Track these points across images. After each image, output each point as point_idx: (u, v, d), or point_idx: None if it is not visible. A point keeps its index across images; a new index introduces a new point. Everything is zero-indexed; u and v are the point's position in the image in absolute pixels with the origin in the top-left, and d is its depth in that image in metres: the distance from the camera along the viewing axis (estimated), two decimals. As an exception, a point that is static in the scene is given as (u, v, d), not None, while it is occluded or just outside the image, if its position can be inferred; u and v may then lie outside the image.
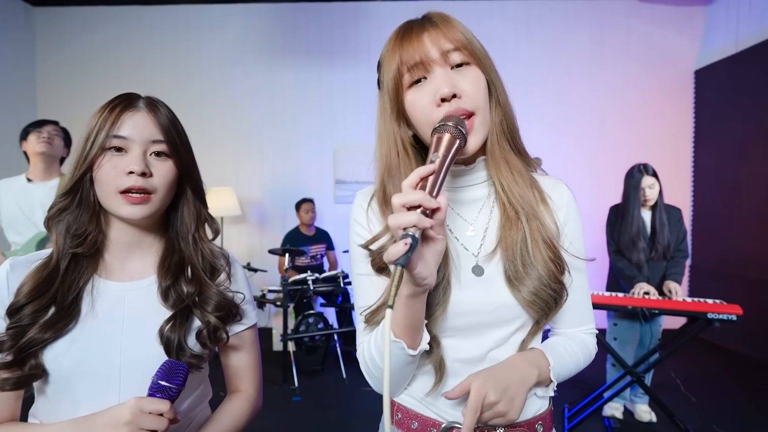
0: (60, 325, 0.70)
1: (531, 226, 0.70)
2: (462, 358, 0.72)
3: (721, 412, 2.85)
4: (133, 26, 4.93)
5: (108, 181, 0.73)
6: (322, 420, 2.82)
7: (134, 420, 0.64)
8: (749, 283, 3.95)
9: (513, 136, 0.73)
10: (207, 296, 0.80)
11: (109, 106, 0.76)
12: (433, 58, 0.67)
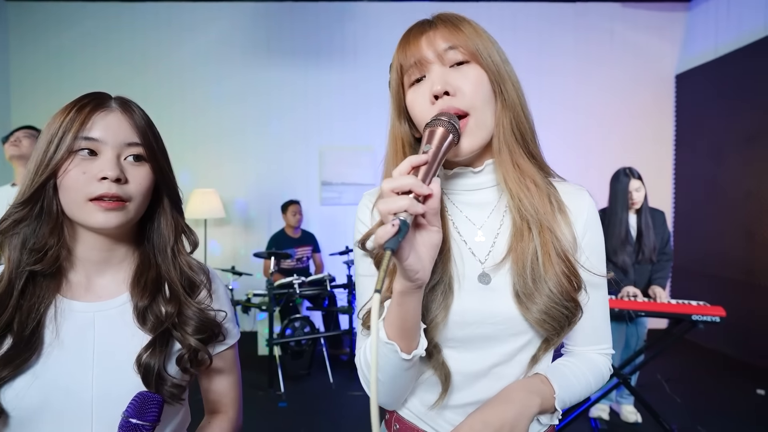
0: (19, 361, 0.62)
1: (543, 238, 0.66)
2: (464, 371, 0.68)
3: (704, 411, 2.89)
4: (112, 23, 4.80)
5: (77, 188, 0.65)
6: (309, 426, 2.77)
7: None
8: (729, 283, 4.03)
9: (525, 139, 0.69)
10: (187, 316, 0.72)
11: (76, 105, 0.68)
12: (429, 58, 0.66)
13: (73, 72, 4.78)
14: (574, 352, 0.75)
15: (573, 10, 4.77)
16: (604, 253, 0.74)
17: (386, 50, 4.71)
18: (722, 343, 4.12)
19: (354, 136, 4.88)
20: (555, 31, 4.78)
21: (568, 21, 4.78)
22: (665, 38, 4.78)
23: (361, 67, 4.83)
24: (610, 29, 4.79)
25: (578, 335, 0.73)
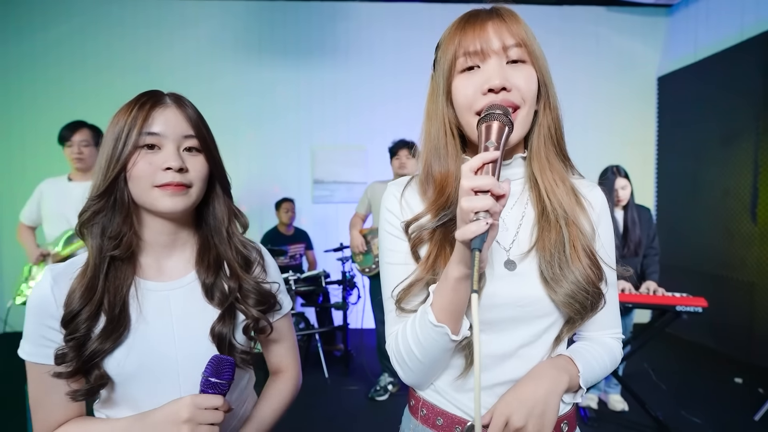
0: (116, 335, 0.71)
1: (570, 231, 0.70)
2: (492, 353, 0.72)
3: (687, 399, 3.02)
4: (101, 20, 4.75)
5: (145, 178, 0.72)
6: (305, 420, 2.81)
7: (192, 417, 0.67)
8: (708, 278, 4.20)
9: (560, 140, 0.75)
10: (246, 290, 0.81)
11: (136, 104, 0.75)
12: (494, 49, 0.67)
13: (59, 70, 4.72)
14: (589, 338, 0.80)
15: (559, 13, 4.91)
16: (614, 246, 0.79)
17: (378, 49, 4.84)
18: (703, 335, 4.28)
19: (346, 135, 4.93)
20: (540, 33, 4.73)
21: (553, 24, 4.90)
22: (648, 42, 4.95)
23: (354, 67, 4.88)
24: (595, 33, 4.94)
25: (594, 321, 0.78)
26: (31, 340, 0.72)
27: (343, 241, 3.93)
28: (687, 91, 4.54)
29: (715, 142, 4.17)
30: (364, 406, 3.03)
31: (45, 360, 0.71)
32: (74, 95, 4.67)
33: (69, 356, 0.69)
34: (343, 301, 3.62)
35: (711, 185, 4.22)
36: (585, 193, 0.76)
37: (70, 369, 0.69)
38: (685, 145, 4.55)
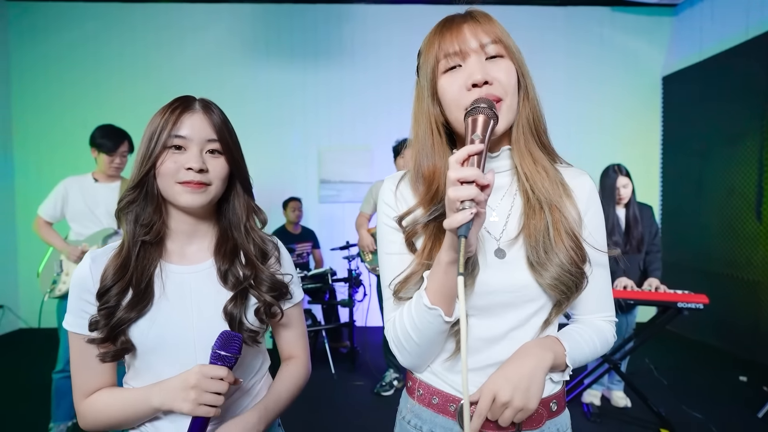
0: (140, 307, 0.80)
1: (554, 216, 0.74)
2: (483, 336, 0.76)
3: (691, 397, 3.04)
4: (112, 24, 4.87)
5: (169, 175, 0.81)
6: (313, 413, 2.87)
7: (199, 384, 0.75)
8: (713, 276, 4.20)
9: (539, 130, 0.78)
10: (261, 279, 0.89)
11: (169, 108, 0.84)
12: (472, 48, 0.72)
13: (73, 72, 4.84)
14: (581, 320, 0.83)
15: (563, 14, 4.93)
16: (605, 232, 0.83)
17: (384, 51, 4.91)
18: (707, 334, 4.29)
19: (352, 136, 4.99)
20: (546, 34, 4.94)
21: (558, 24, 4.94)
22: (652, 42, 4.96)
23: (360, 68, 4.95)
24: (600, 33, 4.96)
25: (585, 304, 0.82)
26: (72, 312, 0.83)
27: (350, 240, 3.99)
28: (692, 91, 4.55)
29: (720, 141, 4.18)
30: (370, 400, 3.09)
31: (83, 330, 0.81)
32: (88, 97, 4.79)
33: (100, 323, 0.79)
34: (350, 298, 3.68)
35: (716, 184, 4.22)
36: (571, 181, 0.80)
37: (101, 335, 0.79)
38: (690, 144, 4.56)
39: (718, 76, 4.22)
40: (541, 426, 0.76)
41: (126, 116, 4.78)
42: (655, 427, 2.61)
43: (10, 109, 4.85)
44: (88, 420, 0.84)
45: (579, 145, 4.96)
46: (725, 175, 4.11)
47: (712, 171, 4.28)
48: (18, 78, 4.85)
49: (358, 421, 2.79)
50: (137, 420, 0.83)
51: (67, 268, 2.47)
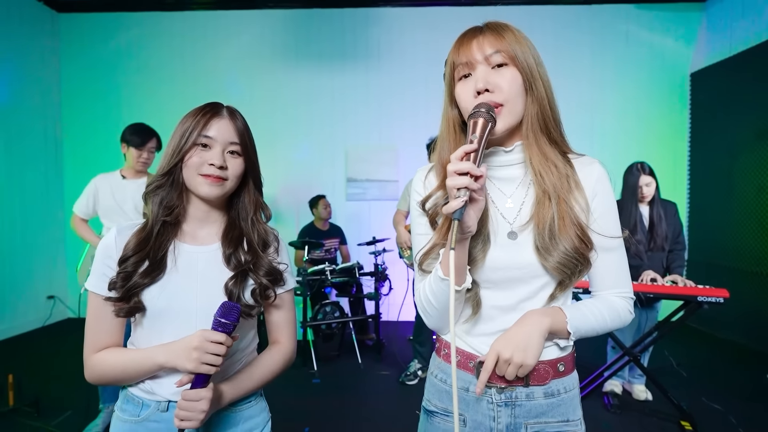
0: (153, 275, 0.93)
1: (560, 208, 0.83)
2: (497, 305, 0.88)
3: (714, 393, 3.06)
4: (152, 32, 5.17)
5: (194, 168, 0.94)
6: (340, 400, 3.03)
7: (200, 346, 0.86)
8: (741, 274, 4.16)
9: (548, 127, 0.86)
10: (260, 264, 1.00)
11: (201, 111, 0.97)
12: (477, 59, 0.82)
13: (117, 76, 5.16)
14: (597, 296, 0.91)
15: (588, 12, 4.95)
16: (617, 217, 0.89)
17: (409, 53, 5.08)
18: (737, 332, 4.25)
19: (378, 135, 5.14)
20: (570, 32, 4.96)
21: (583, 23, 4.95)
22: (680, 37, 4.91)
23: (385, 69, 5.10)
24: (625, 30, 4.95)
25: (600, 281, 0.90)
26: (94, 274, 0.95)
27: (376, 236, 4.14)
28: (721, 87, 4.50)
29: (749, 137, 4.13)
30: (395, 389, 3.22)
31: (102, 291, 0.93)
32: (130, 99, 5.10)
33: (118, 284, 0.91)
34: (376, 292, 3.82)
35: (745, 181, 4.18)
36: (582, 170, 0.88)
37: (117, 295, 0.91)
38: (719, 141, 4.51)
39: (748, 71, 4.16)
40: (547, 383, 0.87)
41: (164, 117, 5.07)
42: (675, 419, 2.66)
43: (60, 111, 5.22)
44: (94, 372, 0.95)
45: (606, 142, 4.97)
46: (755, 172, 4.06)
47: (741, 168, 4.23)
48: (67, 82, 5.21)
49: (384, 407, 2.93)
50: (140, 376, 0.93)
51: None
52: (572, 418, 0.90)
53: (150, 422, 0.94)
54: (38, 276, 4.93)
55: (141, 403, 0.95)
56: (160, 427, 0.94)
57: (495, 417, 0.88)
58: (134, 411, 0.95)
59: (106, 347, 0.96)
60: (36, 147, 4.94)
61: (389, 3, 5.04)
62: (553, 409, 0.88)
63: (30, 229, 4.82)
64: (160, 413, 0.94)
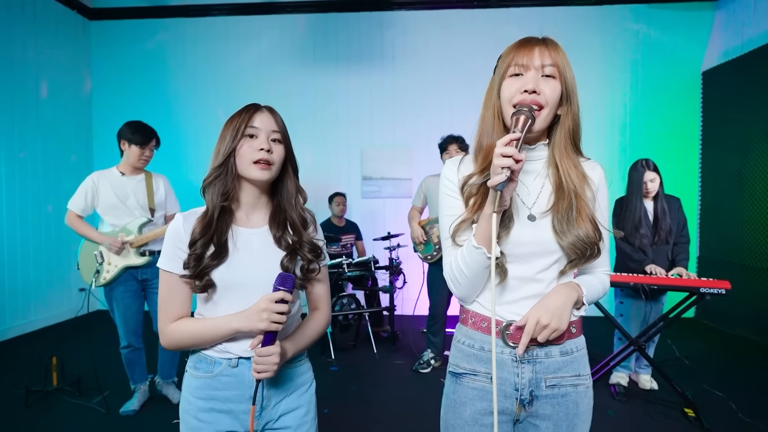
0: (220, 257, 1.08)
1: (578, 201, 1.00)
2: (519, 276, 1.03)
3: (716, 380, 3.14)
4: (178, 37, 5.42)
5: (246, 155, 1.08)
6: (358, 385, 3.20)
7: (267, 308, 1.01)
8: (755, 272, 4.21)
9: (575, 137, 1.05)
10: (303, 242, 1.15)
11: (245, 111, 1.12)
12: (535, 65, 0.97)
13: (144, 80, 5.42)
14: (588, 272, 1.11)
15: (599, 12, 5.03)
16: (608, 213, 1.08)
17: (422, 55, 5.30)
18: (745, 328, 4.30)
19: (393, 135, 5.31)
20: (582, 32, 5.05)
21: (594, 23, 5.04)
22: (691, 36, 4.96)
23: (399, 71, 5.25)
24: (637, 29, 5.02)
25: (595, 262, 1.07)
26: (167, 256, 1.10)
27: (391, 231, 4.30)
28: (732, 85, 4.54)
29: (760, 136, 4.17)
30: (409, 377, 3.38)
31: (174, 269, 1.08)
32: (157, 101, 5.35)
33: (191, 265, 1.06)
34: (390, 285, 3.98)
35: (756, 179, 4.22)
36: (588, 171, 1.06)
37: (191, 274, 1.06)
38: (730, 139, 4.56)
39: (759, 71, 4.21)
40: (562, 342, 1.04)
41: (189, 117, 5.33)
42: (678, 407, 2.76)
43: (91, 113, 5.51)
44: (173, 339, 1.09)
45: (618, 140, 5.05)
46: (765, 169, 4.11)
47: (752, 166, 4.28)
48: (98, 85, 5.49)
49: (399, 393, 3.09)
50: (215, 341, 1.08)
51: (108, 258, 2.66)
52: (582, 373, 1.07)
53: (222, 377, 1.10)
54: (71, 270, 5.22)
55: (213, 361, 1.10)
56: (231, 380, 1.10)
57: (519, 374, 1.03)
58: (207, 368, 1.11)
59: (179, 317, 1.11)
60: (69, 148, 5.23)
61: (403, 6, 5.20)
62: (567, 365, 1.05)
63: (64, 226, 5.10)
64: (231, 369, 1.10)
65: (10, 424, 2.65)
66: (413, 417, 2.69)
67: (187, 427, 1.11)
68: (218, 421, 1.10)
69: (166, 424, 2.62)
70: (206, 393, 1.10)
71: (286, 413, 1.15)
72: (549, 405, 1.04)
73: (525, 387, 1.03)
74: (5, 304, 4.39)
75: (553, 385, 1.04)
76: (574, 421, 1.05)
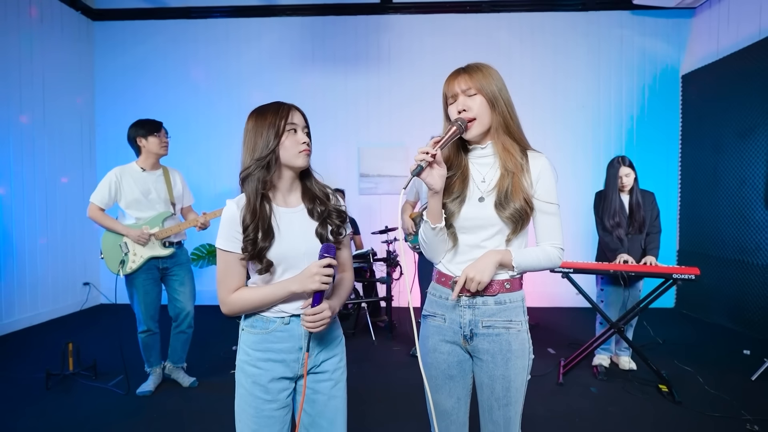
0: (270, 239, 1.27)
1: (513, 181, 1.28)
2: (467, 244, 1.33)
3: (695, 365, 3.40)
4: (179, 37, 5.57)
5: (293, 147, 1.28)
6: (357, 369, 3.40)
7: (318, 271, 1.22)
8: (728, 263, 4.49)
9: (510, 129, 1.31)
10: (329, 210, 1.36)
11: (279, 108, 1.29)
12: (458, 92, 1.29)
13: (146, 80, 5.57)
14: (539, 245, 1.34)
15: (584, 19, 5.29)
16: (554, 191, 1.31)
17: (417, 57, 5.60)
18: (722, 316, 4.59)
19: (389, 134, 5.52)
20: (568, 37, 5.31)
21: (579, 28, 5.30)
22: (672, 42, 5.25)
23: (395, 73, 5.47)
24: (620, 35, 5.29)
25: (541, 235, 1.34)
26: (224, 237, 1.27)
27: (388, 225, 4.51)
28: (709, 88, 4.82)
29: (733, 135, 4.46)
30: (406, 360, 3.59)
31: (232, 249, 1.26)
32: (159, 101, 5.50)
33: (249, 248, 1.25)
34: (388, 276, 4.20)
35: (729, 176, 4.51)
36: (532, 161, 1.32)
37: (249, 254, 1.25)
38: (707, 139, 4.84)
39: (733, 74, 4.49)
40: (496, 294, 1.32)
41: (191, 117, 5.49)
42: (654, 384, 3.01)
43: (94, 112, 5.65)
44: (235, 306, 1.27)
45: (600, 141, 5.31)
46: (738, 167, 4.40)
47: (725, 164, 4.56)
48: (101, 85, 5.63)
49: (398, 374, 3.30)
50: (274, 302, 1.28)
51: (133, 249, 2.82)
52: (515, 320, 1.34)
53: (276, 332, 1.31)
54: (75, 264, 5.36)
55: (268, 320, 1.31)
56: (284, 335, 1.31)
57: (461, 315, 1.34)
58: (264, 326, 1.31)
59: (237, 288, 1.30)
60: (73, 147, 5.36)
61: (399, 11, 5.42)
62: (500, 312, 1.33)
63: (69, 221, 5.24)
64: (284, 325, 1.31)
65: (32, 405, 2.82)
66: (412, 394, 2.91)
67: (246, 374, 1.32)
68: (273, 369, 1.31)
69: (180, 403, 2.81)
70: (263, 346, 1.31)
71: (326, 360, 1.38)
72: (486, 341, 1.33)
73: (466, 325, 1.33)
74: (14, 297, 4.53)
75: (488, 326, 1.32)
76: (507, 356, 1.32)
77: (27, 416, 2.67)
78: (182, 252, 3.03)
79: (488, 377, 1.33)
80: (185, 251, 3.07)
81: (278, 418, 1.32)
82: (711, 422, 2.53)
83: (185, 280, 3.00)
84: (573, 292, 3.24)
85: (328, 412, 1.38)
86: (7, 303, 4.45)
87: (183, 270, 3.00)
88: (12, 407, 2.79)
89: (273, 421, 1.31)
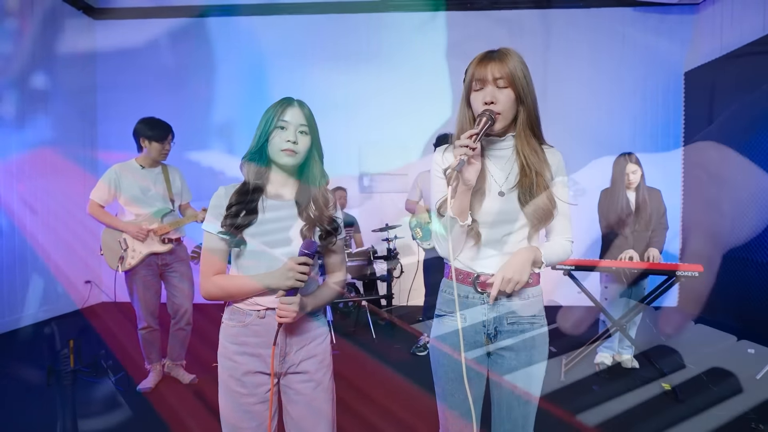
0: (250, 218, 1.27)
1: (537, 179, 1.24)
2: (491, 239, 1.27)
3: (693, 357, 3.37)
4: (179, 36, 5.56)
5: (277, 144, 1.26)
6: (360, 366, 3.39)
7: (293, 267, 1.21)
8: (735, 261, 4.45)
9: (533, 126, 1.26)
10: (324, 216, 1.34)
11: (278, 104, 1.31)
12: (489, 80, 1.19)
13: (147, 78, 5.57)
14: (553, 240, 1.33)
15: (586, 15, 5.26)
16: (567, 189, 1.31)
17: (417, 55, 5.53)
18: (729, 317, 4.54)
19: (389, 132, 5.51)
20: (570, 34, 5.28)
21: (581, 25, 5.27)
22: (674, 39, 5.21)
23: (395, 71, 5.45)
24: (622, 32, 5.26)
25: (555, 230, 1.32)
26: (209, 220, 1.29)
27: (389, 223, 4.50)
28: (712, 85, 4.78)
29: (736, 132, 4.41)
30: (407, 359, 3.58)
31: (213, 229, 1.28)
32: (160, 99, 5.49)
33: (228, 221, 1.26)
34: (389, 274, 4.18)
35: (733, 173, 4.46)
36: (549, 156, 1.29)
37: (227, 229, 1.25)
38: (710, 136, 4.79)
39: (737, 70, 4.45)
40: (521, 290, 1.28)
41: (192, 114, 5.48)
42: (657, 382, 2.98)
43: (96, 111, 5.65)
44: (211, 290, 1.29)
45: (602, 139, 5.28)
46: (741, 164, 4.34)
47: (729, 161, 4.51)
48: (103, 84, 5.63)
49: (398, 371, 3.28)
50: (248, 294, 1.28)
51: (132, 245, 2.83)
52: (537, 314, 1.31)
53: (253, 326, 1.30)
54: (77, 263, 5.36)
55: (245, 313, 1.30)
56: (260, 329, 1.30)
57: (485, 314, 1.28)
58: (240, 319, 1.30)
59: (218, 272, 1.31)
60: (75, 145, 5.37)
61: (399, 9, 5.40)
62: (525, 308, 1.29)
63: (71, 220, 5.24)
64: (259, 319, 1.29)
65: (34, 402, 2.82)
66: (412, 390, 2.89)
67: (224, 367, 1.32)
68: (248, 363, 1.30)
69: (180, 399, 2.80)
70: (239, 339, 1.30)
71: (305, 360, 1.34)
72: (510, 338, 1.29)
73: (490, 323, 1.29)
74: (16, 294, 4.53)
75: (513, 323, 1.28)
76: (531, 352, 1.29)
77: (28, 412, 2.68)
78: (181, 249, 3.03)
79: (510, 375, 1.30)
80: (184, 248, 3.06)
81: (258, 413, 1.31)
82: (715, 421, 2.50)
83: (184, 276, 3.00)
84: (576, 290, 3.21)
85: (310, 414, 1.34)
86: (9, 300, 4.45)
87: (182, 267, 3.00)
88: (14, 404, 2.79)
89: (251, 416, 1.30)
